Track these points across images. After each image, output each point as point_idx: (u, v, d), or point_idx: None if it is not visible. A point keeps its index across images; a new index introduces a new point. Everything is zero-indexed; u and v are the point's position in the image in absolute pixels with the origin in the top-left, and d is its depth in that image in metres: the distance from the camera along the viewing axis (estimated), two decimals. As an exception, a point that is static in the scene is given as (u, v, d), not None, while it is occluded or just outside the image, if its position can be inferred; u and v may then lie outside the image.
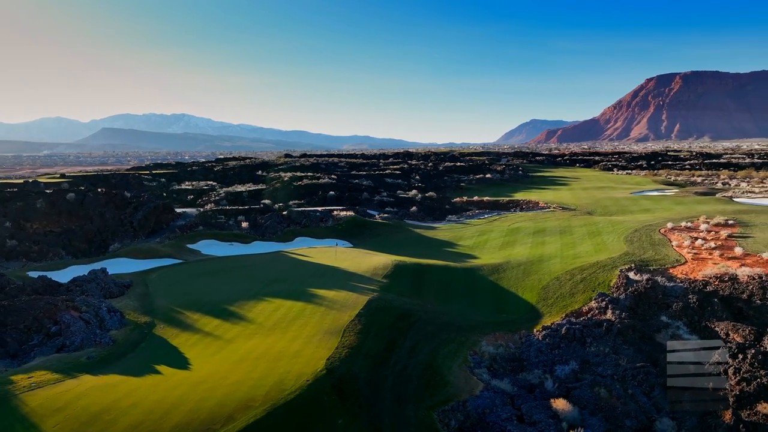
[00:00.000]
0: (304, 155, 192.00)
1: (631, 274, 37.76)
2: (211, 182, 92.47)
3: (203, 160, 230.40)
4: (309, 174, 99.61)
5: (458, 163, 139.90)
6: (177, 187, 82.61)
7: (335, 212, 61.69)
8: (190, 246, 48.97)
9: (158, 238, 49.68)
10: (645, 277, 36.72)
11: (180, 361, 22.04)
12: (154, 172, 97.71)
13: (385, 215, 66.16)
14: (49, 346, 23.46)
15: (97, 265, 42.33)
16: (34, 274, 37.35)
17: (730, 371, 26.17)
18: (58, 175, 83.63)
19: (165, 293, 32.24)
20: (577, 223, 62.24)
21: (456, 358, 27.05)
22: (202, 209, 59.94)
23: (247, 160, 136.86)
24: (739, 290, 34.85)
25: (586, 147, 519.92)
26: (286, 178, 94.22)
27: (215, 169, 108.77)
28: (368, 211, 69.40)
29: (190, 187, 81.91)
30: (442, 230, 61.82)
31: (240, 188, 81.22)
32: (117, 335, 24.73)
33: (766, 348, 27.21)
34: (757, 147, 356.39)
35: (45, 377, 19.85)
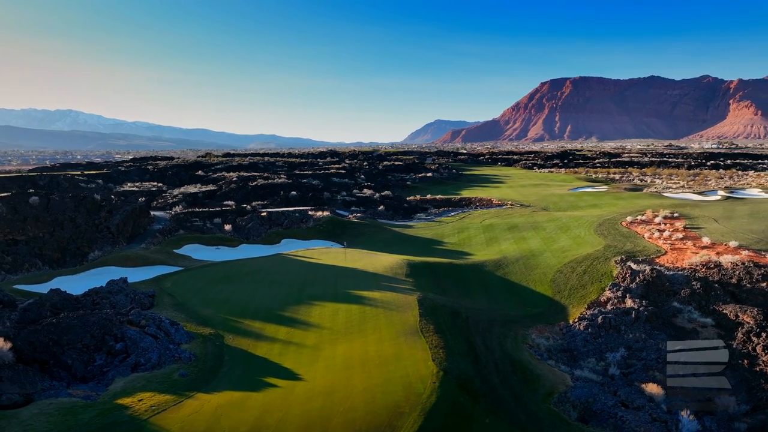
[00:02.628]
0: (228, 155, 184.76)
1: (633, 265, 40.74)
2: (155, 183, 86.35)
3: (99, 159, 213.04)
4: (256, 174, 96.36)
5: (396, 162, 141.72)
6: (121, 188, 76.09)
7: (310, 213, 60.41)
8: (176, 251, 45.69)
9: (143, 243, 45.65)
10: (648, 267, 39.80)
11: (284, 372, 20.84)
12: (86, 172, 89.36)
13: (358, 215, 65.77)
14: (122, 366, 21.12)
15: (85, 275, 38.63)
16: (28, 288, 33.27)
17: (759, 348, 29.26)
18: (-23, 177, 74.09)
19: (201, 302, 30.00)
20: (541, 219, 65.58)
21: (522, 351, 27.87)
22: (172, 212, 55.97)
23: (177, 160, 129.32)
24: (728, 276, 38.78)
25: (489, 146, 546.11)
26: (233, 178, 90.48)
27: (150, 170, 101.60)
28: (338, 211, 68.56)
29: (136, 189, 75.74)
30: (420, 228, 62.62)
31: (192, 189, 76.57)
32: (192, 349, 22.76)
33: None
34: (639, 147, 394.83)
35: (156, 399, 17.98)
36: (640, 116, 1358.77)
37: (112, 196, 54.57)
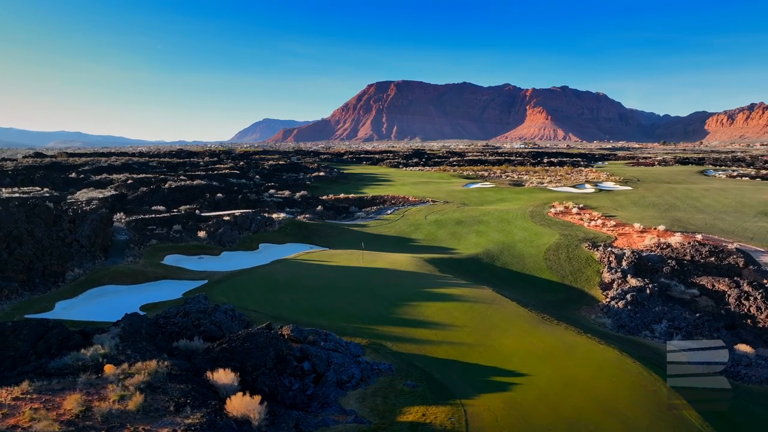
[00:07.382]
0: (70, 154, 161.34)
1: (614, 249, 46.70)
2: (38, 188, 71.95)
3: None
4: (152, 176, 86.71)
5: (281, 162, 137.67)
6: (1, 195, 62.06)
7: (266, 215, 56.90)
8: (163, 263, 39.79)
9: (129, 257, 38.53)
10: (628, 250, 46.02)
11: (499, 371, 20.56)
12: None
13: (307, 216, 63.59)
14: (327, 386, 18.99)
15: (85, 297, 32.48)
16: (40, 316, 26.83)
17: (753, 309, 36.25)
18: None
19: (298, 312, 27.34)
20: (475, 214, 70.04)
21: (601, 329, 30.90)
22: (125, 219, 47.89)
23: (23, 161, 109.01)
24: (683, 253, 46.64)
25: (323, 146, 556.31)
26: (129, 181, 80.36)
27: (9, 172, 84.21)
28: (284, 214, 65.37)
29: (25, 195, 62.29)
30: (375, 227, 62.86)
31: (97, 194, 65.79)
32: (377, 359, 21.09)
33: (758, 290, 37.90)
34: (461, 147, 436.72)
35: (436, 413, 16.73)
36: (456, 119, 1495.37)
37: (61, 205, 45.16)
